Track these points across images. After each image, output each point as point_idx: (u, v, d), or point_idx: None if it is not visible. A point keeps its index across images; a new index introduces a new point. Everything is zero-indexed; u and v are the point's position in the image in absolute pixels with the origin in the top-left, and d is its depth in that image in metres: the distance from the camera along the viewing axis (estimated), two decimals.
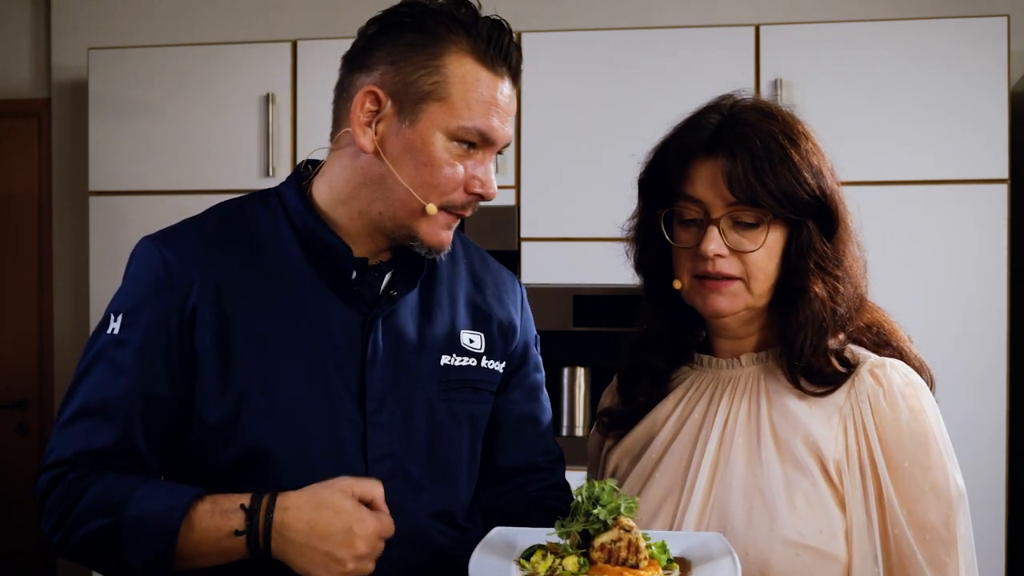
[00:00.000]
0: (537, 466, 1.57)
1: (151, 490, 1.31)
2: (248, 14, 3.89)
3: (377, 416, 1.39)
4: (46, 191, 4.04)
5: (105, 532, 1.30)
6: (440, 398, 1.43)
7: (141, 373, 1.35)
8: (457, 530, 1.46)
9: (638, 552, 1.17)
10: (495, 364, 1.49)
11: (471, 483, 1.50)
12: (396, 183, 1.35)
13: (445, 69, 1.33)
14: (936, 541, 1.32)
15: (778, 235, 1.38)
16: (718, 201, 1.37)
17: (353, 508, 1.27)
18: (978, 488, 3.03)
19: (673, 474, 1.43)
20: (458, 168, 1.35)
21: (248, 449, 1.36)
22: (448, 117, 1.33)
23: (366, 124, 1.36)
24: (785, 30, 3.23)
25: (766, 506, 1.34)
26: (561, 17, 3.66)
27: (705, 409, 1.45)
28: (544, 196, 3.33)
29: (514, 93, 1.39)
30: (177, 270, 1.36)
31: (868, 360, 1.39)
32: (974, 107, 3.10)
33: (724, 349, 1.48)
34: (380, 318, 1.41)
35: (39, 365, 4.04)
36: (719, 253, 1.36)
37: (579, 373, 3.40)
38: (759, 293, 1.40)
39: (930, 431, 1.35)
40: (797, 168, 1.36)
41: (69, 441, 1.36)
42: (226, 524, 1.28)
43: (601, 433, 1.59)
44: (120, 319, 1.37)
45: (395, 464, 1.39)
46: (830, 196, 1.39)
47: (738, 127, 1.38)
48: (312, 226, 1.41)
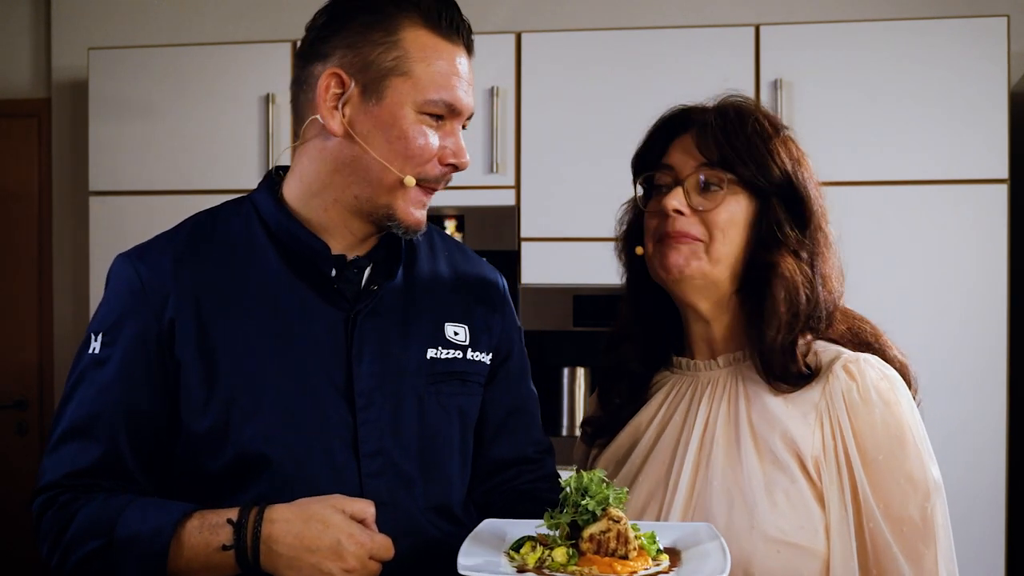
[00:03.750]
0: (527, 458, 1.56)
1: (140, 509, 1.31)
2: (248, 14, 3.90)
3: (367, 412, 1.39)
4: (46, 191, 4.04)
5: (98, 554, 1.31)
6: (429, 391, 1.43)
7: (123, 390, 1.35)
8: (453, 524, 1.45)
9: (627, 543, 1.17)
10: (481, 356, 1.49)
11: (465, 476, 1.49)
12: (371, 160, 1.36)
13: (403, 44, 1.35)
14: (913, 533, 1.33)
15: (743, 204, 1.41)
16: (689, 163, 1.42)
17: (343, 522, 1.26)
18: (978, 488, 3.03)
19: (656, 477, 1.44)
20: (431, 139, 1.36)
21: (240, 455, 1.35)
22: (414, 91, 1.35)
23: (333, 107, 1.37)
24: (785, 30, 3.23)
25: (746, 504, 1.35)
26: (561, 17, 3.66)
27: (685, 412, 1.45)
28: (544, 196, 3.32)
29: (471, 63, 1.41)
30: (153, 284, 1.36)
31: (842, 355, 1.39)
32: (974, 107, 3.10)
33: (700, 346, 1.48)
34: (363, 314, 1.41)
35: (39, 365, 4.04)
36: (678, 209, 1.39)
37: (579, 373, 3.40)
38: (718, 258, 1.40)
39: (904, 423, 1.35)
40: (772, 146, 1.41)
41: (59, 463, 1.37)
42: (215, 539, 1.28)
43: (586, 443, 1.59)
44: (100, 338, 1.38)
45: (387, 460, 1.39)
46: (802, 186, 1.42)
47: (721, 108, 1.44)
48: (287, 226, 1.41)
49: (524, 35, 3.30)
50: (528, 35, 3.31)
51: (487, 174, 3.33)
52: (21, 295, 4.06)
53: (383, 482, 1.38)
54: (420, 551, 1.40)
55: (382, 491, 1.37)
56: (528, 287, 3.31)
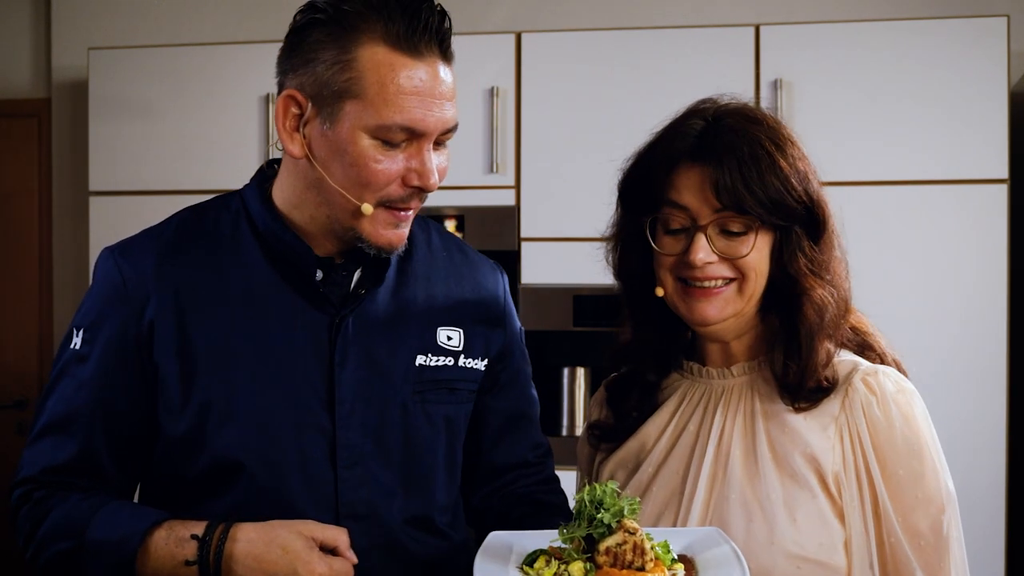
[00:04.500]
0: (527, 462, 1.55)
1: (112, 513, 1.31)
2: (248, 14, 3.89)
3: (348, 420, 1.36)
4: (46, 191, 4.04)
5: (67, 556, 1.31)
6: (414, 400, 1.40)
7: (101, 388, 1.34)
8: (436, 536, 1.43)
9: (644, 554, 1.16)
10: (475, 362, 1.46)
11: (451, 487, 1.47)
12: (329, 186, 1.31)
13: (357, 63, 1.26)
14: (929, 546, 1.33)
15: (766, 239, 1.37)
16: (705, 208, 1.35)
17: (303, 549, 1.24)
18: (978, 488, 3.03)
19: (670, 487, 1.43)
20: (388, 163, 1.29)
21: (215, 460, 1.33)
22: (366, 115, 1.26)
23: (293, 130, 1.31)
24: (785, 30, 3.23)
25: (766, 520, 1.34)
26: (561, 17, 3.66)
27: (700, 421, 1.44)
28: (544, 196, 3.32)
29: (445, 72, 1.30)
30: (134, 284, 1.35)
31: (860, 367, 1.38)
32: (974, 107, 3.10)
33: (714, 355, 1.47)
34: (350, 318, 1.37)
35: (39, 365, 4.04)
36: (708, 261, 1.35)
37: (579, 373, 3.40)
38: (749, 295, 1.38)
39: (923, 438, 1.35)
40: (785, 174, 1.35)
41: (36, 458, 1.36)
42: (180, 553, 1.27)
43: (591, 446, 1.57)
44: (81, 334, 1.37)
45: (366, 471, 1.36)
46: (817, 202, 1.38)
47: (724, 133, 1.36)
48: (272, 227, 1.38)
49: (524, 35, 3.29)
50: (528, 35, 3.31)
51: (487, 174, 3.33)
52: (21, 295, 4.06)
53: (361, 494, 1.36)
54: (397, 564, 1.38)
55: (358, 504, 1.35)
56: (528, 287, 3.31)
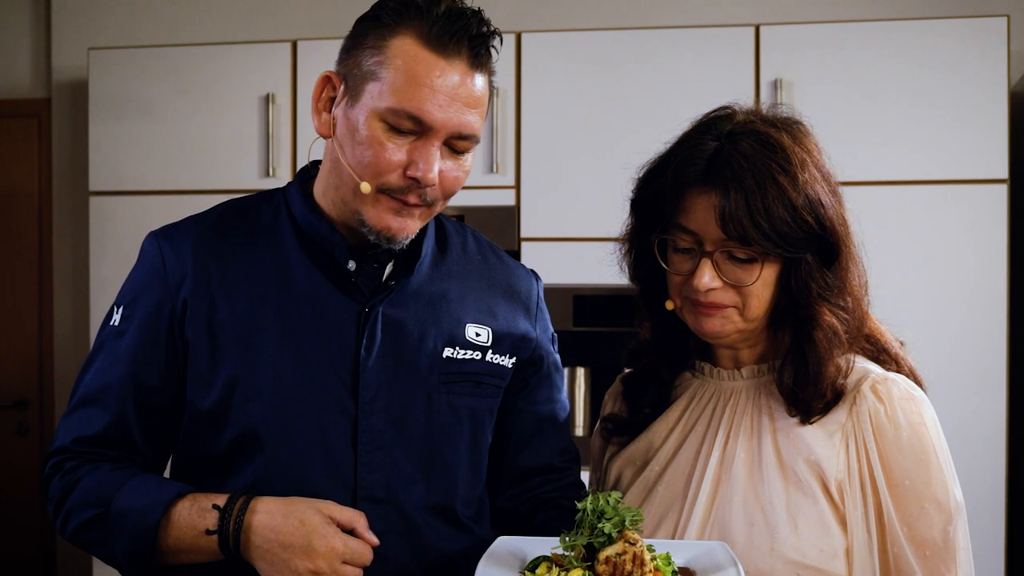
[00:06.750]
0: (553, 467, 1.57)
1: (140, 484, 1.35)
2: (248, 14, 3.89)
3: (371, 405, 1.39)
4: (46, 191, 4.04)
5: (94, 523, 1.35)
6: (440, 391, 1.43)
7: (135, 362, 1.40)
8: (456, 527, 1.45)
9: (643, 565, 1.17)
10: (502, 359, 1.49)
11: (474, 480, 1.49)
12: (342, 165, 1.36)
13: (388, 50, 1.31)
14: (936, 556, 1.33)
15: (774, 267, 1.36)
16: (711, 235, 1.35)
17: (320, 524, 1.29)
18: (978, 489, 3.03)
19: (675, 488, 1.43)
20: (392, 150, 1.32)
21: (239, 435, 1.38)
22: (381, 98, 1.31)
23: (324, 110, 1.38)
24: (785, 30, 3.23)
25: (767, 525, 1.34)
26: (561, 17, 3.66)
27: (707, 422, 1.45)
28: (544, 196, 3.33)
29: (472, 81, 1.33)
30: (172, 265, 1.40)
31: (870, 375, 1.38)
32: (974, 107, 3.10)
33: (724, 358, 1.49)
34: (380, 308, 1.41)
35: (39, 365, 4.04)
36: (711, 287, 1.35)
37: (579, 373, 3.40)
38: (752, 318, 1.39)
39: (930, 446, 1.35)
40: (793, 205, 1.32)
41: (69, 429, 1.41)
42: (201, 523, 1.31)
43: (604, 438, 1.59)
44: (121, 311, 1.43)
45: (386, 456, 1.39)
46: (830, 228, 1.35)
47: (734, 160, 1.33)
48: (309, 218, 1.42)
49: (524, 35, 3.29)
50: (528, 35, 3.31)
51: (487, 174, 3.33)
52: (21, 295, 4.06)
53: (379, 478, 1.39)
54: (413, 550, 1.41)
55: (376, 487, 1.38)
56: None
